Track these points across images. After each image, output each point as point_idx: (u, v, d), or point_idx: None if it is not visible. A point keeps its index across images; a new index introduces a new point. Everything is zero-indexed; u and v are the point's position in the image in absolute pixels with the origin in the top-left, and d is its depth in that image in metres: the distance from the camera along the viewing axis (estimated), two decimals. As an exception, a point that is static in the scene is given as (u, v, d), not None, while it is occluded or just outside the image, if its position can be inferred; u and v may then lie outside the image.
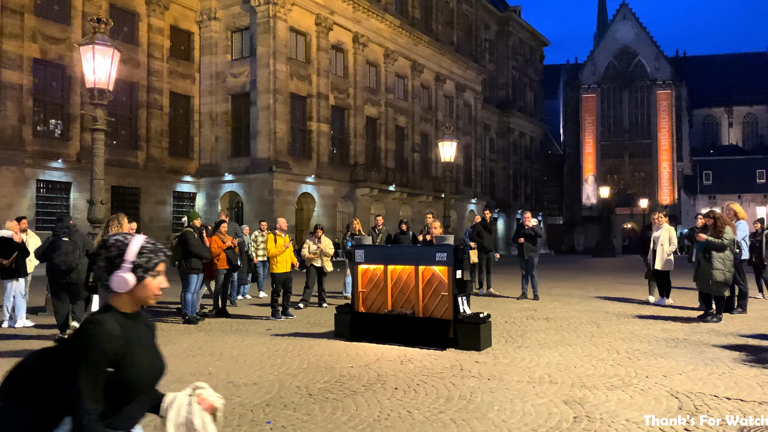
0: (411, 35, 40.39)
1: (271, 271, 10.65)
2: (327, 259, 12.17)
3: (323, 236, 12.40)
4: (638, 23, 75.09)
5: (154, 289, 2.06)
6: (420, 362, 6.75)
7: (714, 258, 9.58)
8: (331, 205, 33.88)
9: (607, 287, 16.44)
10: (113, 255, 2.00)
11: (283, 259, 10.66)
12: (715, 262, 9.55)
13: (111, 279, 1.98)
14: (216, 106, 31.83)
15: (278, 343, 8.04)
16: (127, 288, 1.99)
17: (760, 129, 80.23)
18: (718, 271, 9.50)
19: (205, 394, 2.14)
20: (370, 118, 37.50)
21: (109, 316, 1.96)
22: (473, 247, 14.53)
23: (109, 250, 2.01)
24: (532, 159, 64.94)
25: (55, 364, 1.91)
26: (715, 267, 9.53)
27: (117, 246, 2.01)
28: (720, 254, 9.59)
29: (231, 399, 5.34)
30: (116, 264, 1.99)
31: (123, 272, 1.98)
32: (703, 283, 9.80)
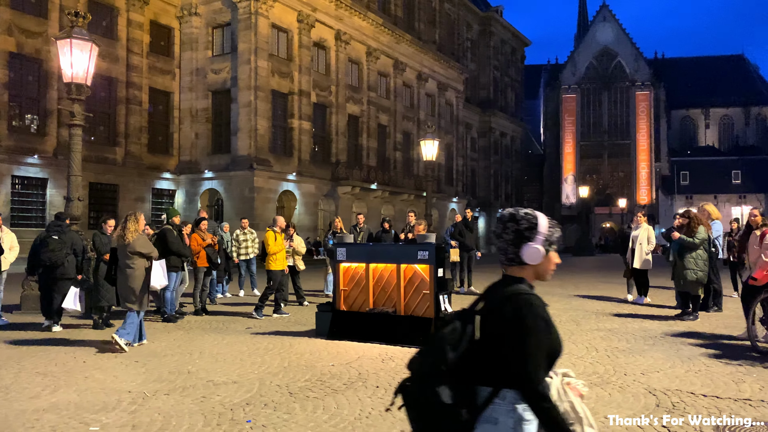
0: (393, 34, 40.37)
1: (269, 268, 10.50)
2: (299, 258, 12.12)
3: (295, 234, 12.35)
4: (618, 25, 75.90)
5: (553, 264, 2.12)
6: (401, 360, 6.75)
7: (686, 258, 9.70)
8: (313, 203, 33.76)
9: (587, 286, 16.60)
10: (524, 228, 2.05)
11: (281, 256, 10.67)
12: (687, 262, 9.67)
13: (522, 250, 2.04)
14: (196, 102, 31.53)
15: (259, 342, 7.99)
16: (539, 260, 2.05)
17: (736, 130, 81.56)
18: (690, 270, 9.63)
19: (574, 383, 2.17)
20: (352, 116, 37.43)
21: (528, 287, 2.03)
22: (454, 246, 14.56)
23: (519, 223, 2.06)
24: (513, 158, 65.35)
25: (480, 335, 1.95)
26: (687, 267, 9.65)
27: (528, 219, 2.06)
28: (693, 254, 9.71)
29: (210, 398, 5.30)
30: (527, 236, 2.04)
31: (536, 244, 2.04)
32: (679, 282, 9.94)
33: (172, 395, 5.40)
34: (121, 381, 5.95)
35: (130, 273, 7.65)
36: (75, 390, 5.61)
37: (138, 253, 7.69)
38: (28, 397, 5.39)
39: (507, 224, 2.07)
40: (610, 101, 74.79)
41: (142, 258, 7.75)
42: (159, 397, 5.36)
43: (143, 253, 7.74)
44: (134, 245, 7.67)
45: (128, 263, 7.66)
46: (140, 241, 7.76)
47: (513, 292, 1.99)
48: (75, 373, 6.29)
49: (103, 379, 6.05)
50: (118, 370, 6.42)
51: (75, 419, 4.74)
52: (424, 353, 1.99)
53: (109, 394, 5.43)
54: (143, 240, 7.87)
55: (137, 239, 7.71)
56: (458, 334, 1.96)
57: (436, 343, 1.97)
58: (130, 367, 6.59)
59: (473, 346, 1.94)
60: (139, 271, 7.69)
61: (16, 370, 6.44)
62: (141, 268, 7.72)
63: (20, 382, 5.91)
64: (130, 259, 7.67)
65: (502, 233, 2.08)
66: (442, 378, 1.91)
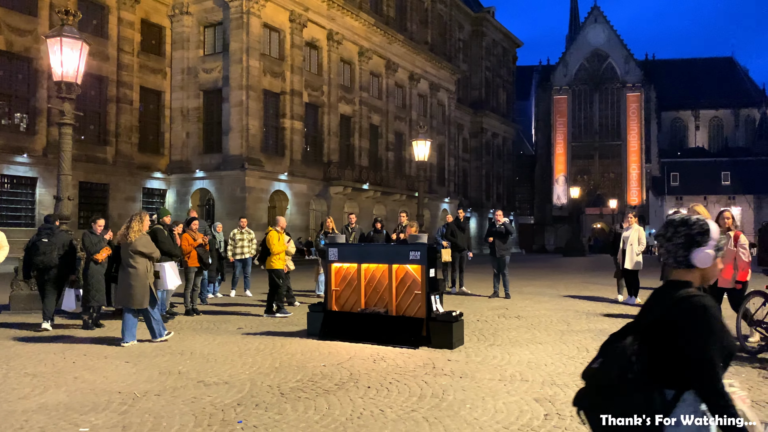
0: (386, 34, 40.38)
1: (271, 267, 10.58)
2: (289, 258, 12.10)
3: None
4: (609, 26, 76.30)
5: (718, 270, 2.17)
6: (393, 361, 6.75)
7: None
8: (304, 203, 33.71)
9: (577, 286, 16.67)
10: (696, 232, 2.10)
11: (284, 255, 10.87)
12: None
13: (693, 255, 2.08)
14: (187, 101, 31.41)
15: (250, 342, 7.97)
16: (709, 263, 2.10)
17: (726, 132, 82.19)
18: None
19: (739, 393, 2.19)
20: (344, 116, 37.40)
21: (697, 290, 2.07)
22: (445, 246, 14.59)
23: (692, 227, 2.11)
24: (504, 159, 65.52)
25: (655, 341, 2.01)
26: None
27: (700, 225, 2.11)
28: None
29: (201, 398, 5.28)
30: (698, 241, 2.09)
31: (708, 248, 2.09)
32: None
33: (163, 396, 5.38)
34: (111, 381, 5.91)
35: (132, 272, 7.79)
36: (64, 391, 5.57)
37: (140, 253, 7.83)
38: (17, 397, 5.35)
39: (678, 228, 2.14)
40: (601, 102, 75.18)
41: (144, 258, 7.87)
42: (149, 397, 5.33)
43: (145, 253, 7.87)
44: (136, 244, 7.82)
45: (130, 262, 7.81)
46: (142, 240, 7.90)
47: (685, 295, 2.05)
48: (64, 374, 6.25)
49: (92, 379, 6.01)
50: (108, 371, 6.38)
51: (64, 420, 4.71)
52: (606, 364, 2.09)
53: (99, 395, 5.40)
54: (145, 240, 8.00)
55: (139, 239, 7.86)
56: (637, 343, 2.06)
57: (619, 353, 2.07)
58: (120, 367, 6.56)
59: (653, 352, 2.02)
60: (140, 270, 7.81)
61: (5, 370, 6.39)
62: (143, 267, 7.84)
63: (9, 383, 5.86)
64: (132, 258, 7.81)
65: (672, 237, 2.13)
66: (631, 385, 2.00)
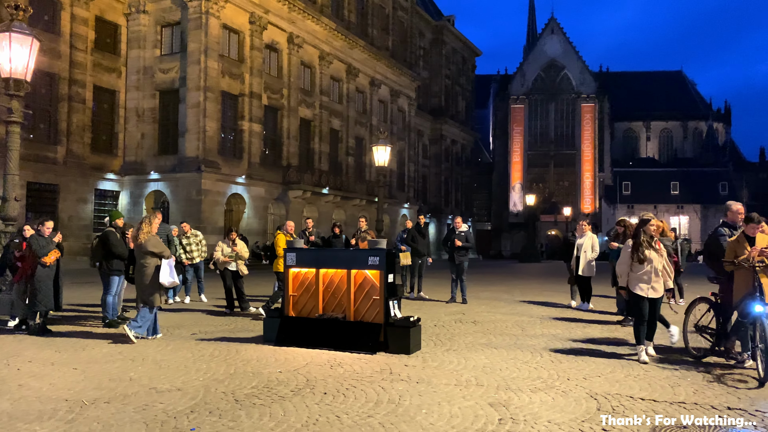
0: (347, 39, 40.42)
1: (278, 270, 10.69)
2: (242, 263, 11.96)
3: (238, 239, 12.21)
4: (565, 38, 78.16)
5: None
6: (350, 366, 6.73)
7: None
8: (262, 206, 33.37)
9: (532, 292, 16.96)
10: None
11: None
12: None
13: None
14: (143, 101, 30.75)
15: (204, 348, 7.83)
16: None
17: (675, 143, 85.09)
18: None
19: None
20: (304, 120, 37.23)
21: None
22: (404, 250, 14.65)
23: None
24: (463, 166, 66.31)
25: None
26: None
27: None
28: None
29: (153, 405, 5.16)
30: None
31: None
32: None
33: (113, 403, 5.23)
34: (58, 389, 5.72)
35: (144, 271, 8.32)
36: (8, 399, 5.37)
37: (150, 253, 8.34)
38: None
39: None
40: (557, 112, 76.90)
41: (154, 257, 8.37)
42: (98, 405, 5.18)
43: (155, 253, 8.37)
44: (146, 245, 8.34)
45: (142, 262, 8.36)
46: (152, 241, 8.41)
47: None
48: (9, 381, 6.01)
49: (38, 387, 5.80)
50: (54, 378, 6.18)
51: (8, 429, 4.53)
52: None
53: (45, 403, 5.22)
54: (155, 240, 8.49)
55: (149, 240, 8.38)
56: None
57: None
58: (67, 374, 6.35)
59: None
60: (151, 269, 8.33)
61: (-56, 378, 6.11)
62: (153, 266, 8.35)
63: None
64: (143, 259, 8.35)
65: None
66: None
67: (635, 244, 7.31)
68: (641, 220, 7.48)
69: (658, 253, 7.29)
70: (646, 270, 7.20)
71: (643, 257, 7.19)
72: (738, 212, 7.82)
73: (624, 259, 7.36)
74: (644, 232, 7.35)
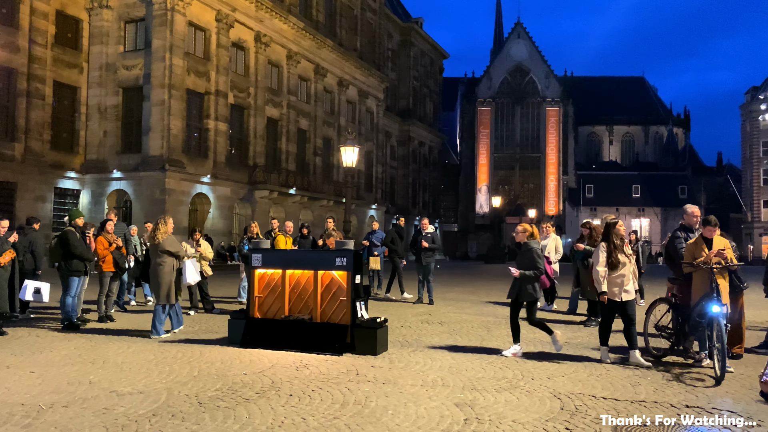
0: (315, 38, 40.24)
1: None
2: (206, 263, 11.81)
3: (202, 239, 12.07)
4: (531, 42, 79.30)
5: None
6: (316, 368, 6.70)
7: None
8: (228, 206, 32.98)
9: (498, 292, 17.12)
10: None
11: None
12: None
13: None
14: (106, 98, 30.07)
15: (167, 350, 7.69)
16: None
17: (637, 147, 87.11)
18: (596, 278, 10.17)
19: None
20: (271, 119, 36.92)
21: None
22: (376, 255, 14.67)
23: None
24: (431, 168, 66.67)
25: None
26: (594, 275, 10.20)
27: None
28: (597, 262, 10.27)
29: (114, 409, 5.04)
30: None
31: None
32: (586, 289, 10.46)
33: (71, 407, 5.10)
34: (14, 393, 5.55)
35: (159, 270, 8.64)
36: (-40, 404, 5.18)
37: (167, 252, 8.71)
38: None
39: None
40: (523, 116, 77.96)
41: (171, 257, 8.75)
42: (56, 409, 5.04)
43: (172, 252, 8.75)
44: (163, 245, 8.69)
45: (158, 261, 8.70)
46: (169, 240, 8.78)
47: None
48: (-40, 386, 5.80)
49: (-8, 391, 5.62)
50: (10, 382, 5.99)
51: (-41, 436, 4.37)
52: None
53: (0, 408, 5.05)
54: (171, 240, 8.85)
55: (166, 239, 8.74)
56: None
57: None
58: (24, 378, 6.17)
59: None
60: (167, 268, 8.68)
61: None
62: (170, 265, 8.73)
63: None
64: (160, 258, 8.69)
65: None
66: None
67: (609, 248, 7.15)
68: (609, 223, 7.34)
69: (629, 257, 7.22)
70: (619, 273, 7.11)
71: (617, 261, 7.09)
72: (693, 215, 8.06)
73: (600, 263, 7.13)
74: (615, 234, 7.20)
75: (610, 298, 7.13)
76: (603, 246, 7.24)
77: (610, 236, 7.23)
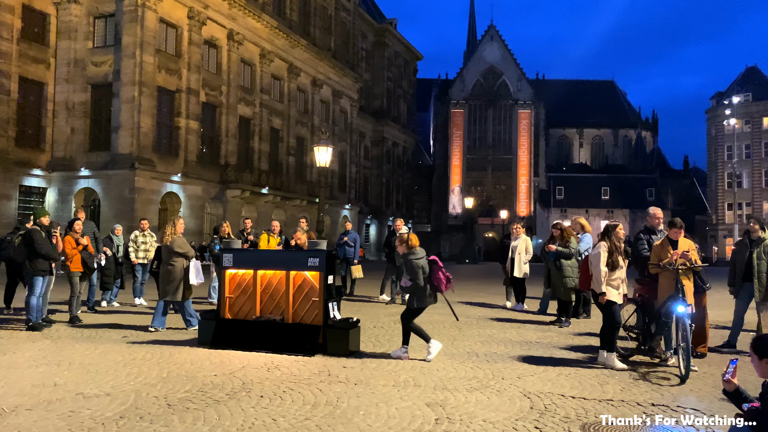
0: (288, 37, 40.02)
1: None
2: None
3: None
4: (504, 45, 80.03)
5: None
6: (288, 369, 6.66)
7: (564, 266, 10.44)
8: (199, 206, 32.59)
9: (469, 293, 17.24)
10: None
11: None
12: (565, 270, 10.41)
13: None
14: (74, 95, 29.46)
15: (135, 352, 7.57)
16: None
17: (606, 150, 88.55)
18: (568, 278, 10.37)
19: None
20: (243, 118, 36.60)
21: None
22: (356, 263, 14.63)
23: None
24: (404, 168, 66.82)
25: None
26: (566, 275, 10.39)
27: None
28: (568, 262, 10.46)
29: (80, 412, 4.94)
30: None
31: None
32: (559, 290, 10.61)
33: (36, 410, 4.98)
34: (-25, 396, 5.40)
35: (169, 269, 9.12)
36: None
37: (176, 253, 9.09)
38: None
39: None
40: (495, 118, 78.65)
41: (180, 257, 9.12)
42: (20, 412, 4.92)
43: (180, 253, 9.12)
44: (173, 245, 9.09)
45: (170, 261, 9.12)
46: (178, 242, 9.16)
47: None
48: None
49: (-47, 394, 5.46)
50: (-29, 385, 5.82)
51: None
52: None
53: (-40, 412, 4.92)
54: (181, 241, 9.24)
55: (175, 240, 9.14)
56: None
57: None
58: (-14, 380, 6.01)
59: None
60: (177, 267, 9.11)
61: None
62: (179, 265, 9.13)
63: None
64: (171, 258, 9.11)
65: None
66: None
67: (610, 248, 7.06)
68: (609, 225, 7.25)
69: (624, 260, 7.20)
70: (617, 276, 7.08)
71: (617, 263, 7.04)
72: (655, 217, 8.27)
73: (598, 264, 7.01)
74: (615, 236, 7.14)
75: (612, 299, 7.01)
76: (603, 245, 7.09)
77: (610, 237, 7.11)
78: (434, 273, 7.24)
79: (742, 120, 65.27)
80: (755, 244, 8.34)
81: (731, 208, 64.24)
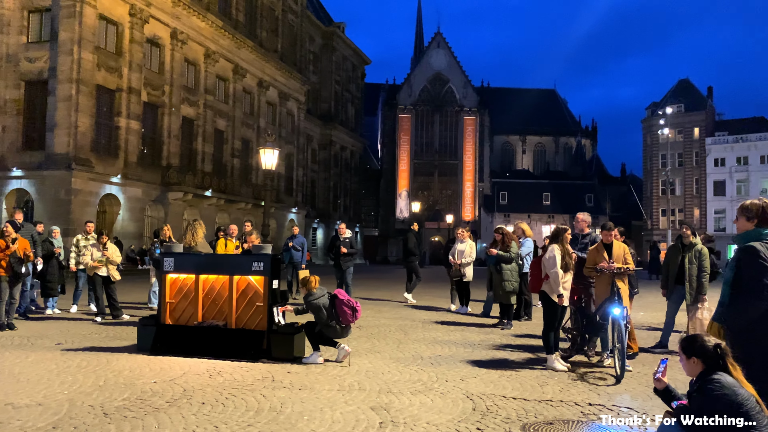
0: (234, 38, 39.44)
1: None
2: (113, 267, 11.31)
3: (109, 242, 11.57)
4: (450, 52, 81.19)
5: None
6: (230, 375, 6.56)
7: (504, 270, 10.67)
8: (139, 208, 31.66)
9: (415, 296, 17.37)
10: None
11: None
12: (505, 274, 10.65)
13: None
14: (5, 91, 28.14)
15: (70, 359, 7.29)
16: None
17: (548, 157, 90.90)
18: (507, 282, 10.63)
19: None
20: (186, 119, 35.79)
21: None
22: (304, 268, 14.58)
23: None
24: (352, 172, 66.79)
25: None
26: (505, 278, 10.64)
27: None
28: (508, 266, 10.71)
29: (9, 423, 4.72)
30: None
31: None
32: (498, 293, 10.85)
33: (-40, 423, 4.73)
34: None
35: None
36: None
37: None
38: None
39: None
40: (442, 123, 79.66)
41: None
42: (-58, 426, 4.66)
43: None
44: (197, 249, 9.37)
45: None
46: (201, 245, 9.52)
47: None
48: None
49: None
50: None
51: None
52: None
53: None
54: (203, 244, 9.63)
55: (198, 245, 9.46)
56: None
57: None
58: None
59: None
60: None
61: None
62: None
63: None
64: None
65: None
66: None
67: (563, 252, 7.13)
68: (560, 228, 7.33)
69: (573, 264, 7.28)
70: (568, 279, 7.18)
71: (569, 266, 7.13)
72: (581, 221, 8.63)
73: (554, 266, 7.02)
74: (565, 240, 7.24)
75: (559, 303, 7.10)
76: (556, 248, 7.13)
77: (561, 240, 7.20)
78: (338, 308, 7.17)
79: (675, 130, 68.19)
80: (687, 249, 8.72)
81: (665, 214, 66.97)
